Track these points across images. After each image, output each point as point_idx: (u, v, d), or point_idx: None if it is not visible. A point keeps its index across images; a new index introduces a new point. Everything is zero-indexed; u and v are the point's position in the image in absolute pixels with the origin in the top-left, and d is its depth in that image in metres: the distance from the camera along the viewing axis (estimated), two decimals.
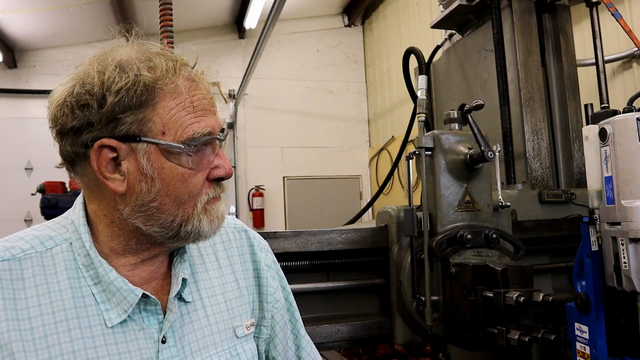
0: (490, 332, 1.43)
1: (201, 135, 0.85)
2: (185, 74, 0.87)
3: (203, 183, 0.87)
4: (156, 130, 0.83)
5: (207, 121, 0.86)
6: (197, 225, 0.87)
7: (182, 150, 0.83)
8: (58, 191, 5.94)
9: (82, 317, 0.83)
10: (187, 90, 0.85)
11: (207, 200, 0.88)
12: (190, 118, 0.84)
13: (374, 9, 8.27)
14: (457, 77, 2.88)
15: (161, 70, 0.84)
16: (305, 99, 8.33)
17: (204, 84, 0.89)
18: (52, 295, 0.83)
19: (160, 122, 0.83)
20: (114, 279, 0.85)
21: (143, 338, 0.86)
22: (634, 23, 3.58)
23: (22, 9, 6.26)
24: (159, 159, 0.84)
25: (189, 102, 0.85)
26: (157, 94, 0.83)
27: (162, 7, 2.54)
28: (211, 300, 0.98)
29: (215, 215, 0.90)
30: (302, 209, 8.08)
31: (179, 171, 0.84)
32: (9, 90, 7.27)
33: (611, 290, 1.33)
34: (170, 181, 0.84)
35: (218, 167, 0.89)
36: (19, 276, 0.83)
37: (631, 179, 1.26)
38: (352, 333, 1.79)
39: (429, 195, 1.71)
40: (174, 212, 0.85)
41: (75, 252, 0.87)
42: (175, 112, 0.84)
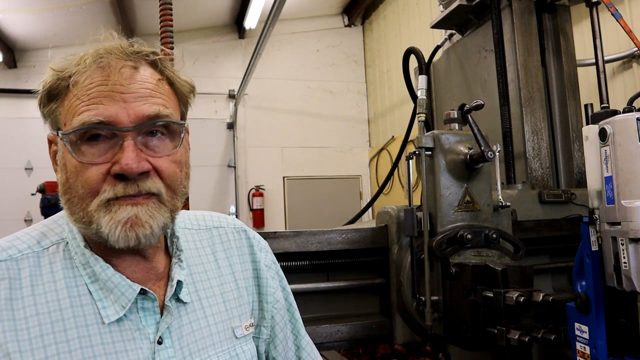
0: (490, 332, 1.43)
1: (84, 123, 0.79)
2: (101, 62, 0.82)
3: (100, 179, 0.80)
4: (61, 122, 0.84)
5: (100, 109, 0.79)
6: (99, 225, 0.80)
7: (64, 140, 0.81)
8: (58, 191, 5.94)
9: (79, 315, 0.82)
10: (90, 79, 0.82)
11: (108, 199, 0.80)
12: (81, 106, 0.81)
13: (374, 9, 8.27)
14: (457, 77, 2.88)
15: (77, 64, 0.83)
16: (305, 99, 8.33)
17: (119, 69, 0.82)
18: (48, 295, 0.82)
19: (63, 113, 0.83)
20: (111, 276, 0.85)
21: (139, 338, 0.85)
22: (634, 23, 3.58)
23: (22, 9, 6.26)
24: (64, 150, 0.83)
25: (84, 90, 0.81)
26: (67, 88, 0.83)
27: (162, 7, 2.54)
28: (210, 300, 0.97)
29: (117, 219, 0.80)
30: (302, 209, 8.08)
31: (72, 163, 0.81)
32: (9, 90, 7.26)
33: (611, 290, 1.33)
34: (70, 173, 0.82)
35: (116, 162, 0.80)
36: (17, 276, 0.82)
37: (631, 179, 1.26)
38: (352, 333, 1.79)
39: (429, 195, 1.71)
40: (80, 207, 0.82)
41: (72, 251, 0.87)
42: (72, 102, 0.82)
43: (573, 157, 2.46)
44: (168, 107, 0.86)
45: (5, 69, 7.31)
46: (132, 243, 0.81)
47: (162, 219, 0.84)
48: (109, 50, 0.84)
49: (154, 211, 0.83)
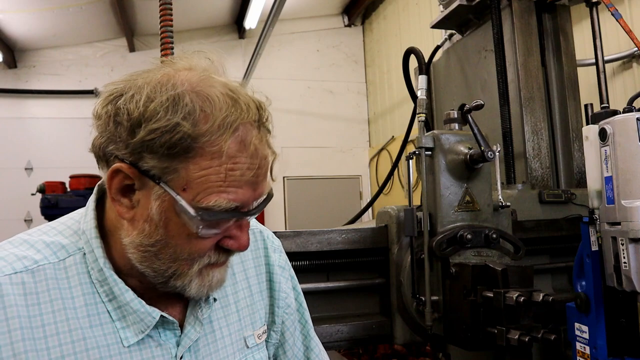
0: (490, 332, 1.43)
1: (222, 209, 0.75)
2: (241, 136, 0.74)
3: (210, 248, 0.80)
4: (177, 184, 0.74)
5: (239, 194, 0.76)
6: (186, 284, 0.81)
7: (192, 217, 0.75)
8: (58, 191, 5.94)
9: (99, 335, 0.79)
10: (230, 155, 0.74)
11: (208, 263, 0.82)
12: (218, 186, 0.74)
13: (374, 9, 8.27)
14: (457, 77, 2.88)
15: (211, 125, 0.72)
16: (305, 99, 8.33)
17: (254, 148, 0.76)
18: (68, 312, 0.78)
19: (186, 177, 0.74)
20: (129, 301, 0.81)
21: (161, 355, 0.83)
22: (634, 23, 3.58)
23: (22, 9, 6.26)
24: (170, 210, 0.76)
25: (224, 169, 0.74)
26: (194, 150, 0.73)
27: (162, 7, 2.54)
28: (224, 311, 0.96)
29: (207, 282, 0.83)
30: (302, 209, 8.08)
31: (185, 231, 0.77)
32: (9, 90, 7.27)
33: (611, 290, 1.33)
34: (173, 235, 0.77)
35: (233, 237, 0.81)
36: (33, 290, 0.77)
37: (631, 179, 1.26)
38: (352, 333, 1.79)
39: (429, 195, 1.71)
40: (170, 264, 0.79)
41: (88, 265, 0.82)
42: (205, 175, 0.74)
43: (573, 157, 2.46)
44: None
45: (5, 69, 7.31)
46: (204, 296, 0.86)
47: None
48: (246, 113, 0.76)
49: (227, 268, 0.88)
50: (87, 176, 5.90)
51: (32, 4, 6.18)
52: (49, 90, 7.34)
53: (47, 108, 7.36)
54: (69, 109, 7.35)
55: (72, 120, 7.26)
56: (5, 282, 0.76)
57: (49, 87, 7.37)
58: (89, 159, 0.85)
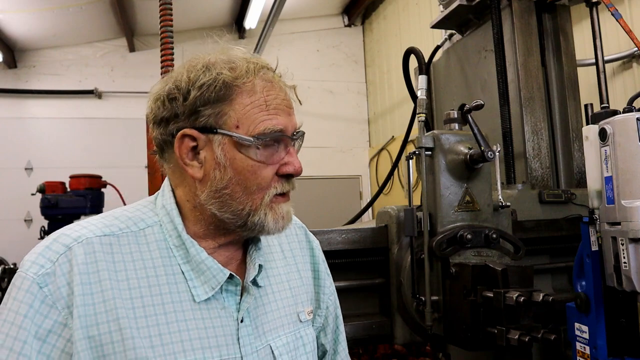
0: (490, 332, 1.43)
1: (271, 131, 0.92)
2: (263, 75, 0.95)
3: (272, 177, 0.94)
4: (231, 124, 0.92)
5: (279, 120, 0.93)
6: (262, 218, 0.94)
7: (251, 143, 0.91)
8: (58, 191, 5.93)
9: (174, 292, 0.92)
10: (262, 89, 0.93)
11: (275, 194, 0.95)
12: (262, 115, 0.92)
13: (374, 9, 8.27)
14: (457, 77, 2.88)
15: (240, 71, 0.93)
16: (305, 99, 8.26)
17: (280, 85, 0.97)
18: (147, 270, 0.92)
19: (235, 116, 0.91)
20: (205, 259, 0.94)
21: (225, 316, 0.95)
22: (634, 23, 3.58)
23: (22, 9, 6.26)
24: (232, 150, 0.92)
25: (262, 100, 0.93)
26: (235, 91, 0.92)
27: (162, 7, 2.54)
28: (279, 286, 1.07)
29: (280, 214, 0.96)
30: (302, 209, 7.98)
31: (249, 163, 0.92)
32: (9, 90, 7.26)
33: (611, 290, 1.33)
34: (241, 171, 0.92)
35: (288, 163, 0.95)
36: (119, 250, 0.91)
37: (631, 179, 1.26)
38: (352, 333, 1.79)
39: (429, 195, 1.71)
40: (244, 201, 0.93)
41: (166, 234, 0.96)
42: (250, 109, 0.92)
43: (573, 157, 2.46)
44: None
45: (5, 69, 7.31)
46: (282, 230, 0.98)
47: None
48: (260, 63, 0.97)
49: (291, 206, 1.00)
50: (87, 176, 5.90)
51: (32, 4, 6.18)
52: (49, 90, 7.33)
53: (47, 108, 7.35)
54: (69, 109, 7.34)
55: (72, 120, 7.26)
56: (97, 242, 0.91)
57: (49, 87, 7.36)
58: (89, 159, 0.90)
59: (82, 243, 0.89)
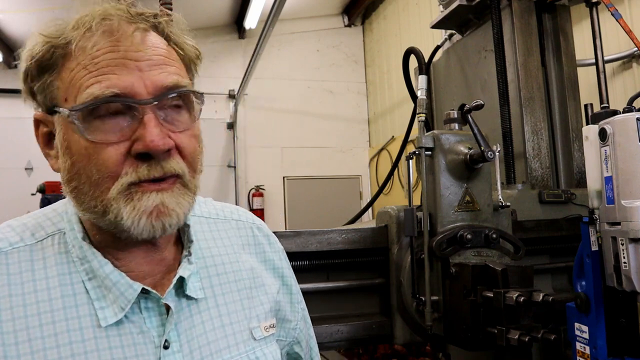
0: (490, 332, 1.43)
1: (97, 98, 0.69)
2: (105, 25, 0.71)
3: (119, 160, 0.70)
4: (60, 98, 0.72)
5: (113, 80, 0.69)
6: (118, 215, 0.71)
7: (71, 118, 0.70)
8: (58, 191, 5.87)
9: (72, 318, 0.73)
10: (93, 45, 0.70)
11: (131, 183, 0.71)
12: (88, 77, 0.69)
13: (374, 9, 8.27)
14: (457, 77, 2.88)
15: (75, 28, 0.71)
16: (305, 99, 8.33)
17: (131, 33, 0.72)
18: (38, 294, 0.73)
19: (62, 87, 0.72)
20: (109, 273, 0.75)
21: (142, 342, 0.75)
22: (634, 23, 3.58)
23: (22, 9, 6.26)
24: (67, 130, 0.72)
25: (90, 58, 0.70)
26: (64, 57, 0.72)
27: (162, 7, 2.54)
28: (226, 297, 0.86)
29: (140, 209, 0.71)
30: (302, 209, 8.08)
31: (81, 144, 0.71)
32: (9, 90, 7.27)
33: (611, 290, 1.33)
34: (78, 157, 0.71)
35: (138, 139, 0.70)
36: (4, 271, 0.74)
37: (631, 179, 1.26)
38: (352, 333, 1.79)
39: (429, 195, 1.71)
40: (93, 195, 0.72)
41: (69, 244, 0.78)
42: (75, 73, 0.70)
43: (573, 157, 2.46)
44: (183, 76, 0.77)
45: (5, 69, 7.32)
46: (158, 234, 0.73)
47: (187, 204, 0.77)
48: (111, 12, 0.73)
49: (180, 197, 0.75)
50: None
51: (32, 4, 6.18)
52: None
53: None
54: None
55: None
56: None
57: None
58: None
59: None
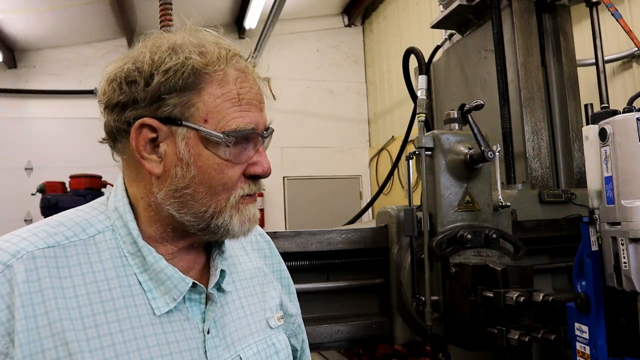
0: (490, 332, 1.43)
1: (243, 129, 0.84)
2: (236, 63, 0.86)
3: (239, 177, 0.86)
4: (198, 117, 0.83)
5: (252, 116, 0.85)
6: (227, 220, 0.86)
7: (221, 140, 0.82)
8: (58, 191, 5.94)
9: (130, 306, 0.83)
10: (235, 80, 0.85)
11: (242, 196, 0.87)
12: (234, 110, 0.84)
13: (374, 9, 8.27)
14: (457, 77, 2.88)
15: (211, 57, 0.84)
16: (305, 99, 8.33)
17: (253, 77, 0.88)
18: (99, 284, 0.82)
19: (204, 108, 0.83)
20: (164, 267, 0.85)
21: (189, 328, 0.86)
22: (634, 23, 3.58)
23: (22, 9, 6.26)
24: (197, 145, 0.83)
25: (235, 93, 0.84)
26: (204, 80, 0.83)
27: (162, 7, 2.54)
28: (245, 291, 1.00)
29: (247, 217, 0.89)
30: (302, 209, 8.08)
31: (215, 161, 0.84)
32: (9, 90, 7.26)
33: (611, 290, 1.33)
34: (205, 169, 0.84)
35: (256, 163, 0.87)
36: (65, 264, 0.81)
37: (631, 179, 1.26)
38: (352, 333, 1.79)
39: (429, 195, 1.71)
40: (207, 202, 0.85)
41: (119, 240, 0.86)
42: (221, 102, 0.83)
43: (573, 157, 2.46)
44: None
45: (5, 69, 7.31)
46: (247, 234, 0.90)
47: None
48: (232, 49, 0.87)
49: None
50: (87, 176, 5.90)
51: (32, 4, 6.18)
52: (49, 90, 7.34)
53: (47, 108, 7.35)
54: (69, 109, 7.34)
55: (72, 120, 7.26)
56: (40, 255, 0.80)
57: (49, 87, 7.36)
58: (89, 159, 0.89)
59: (23, 259, 0.78)
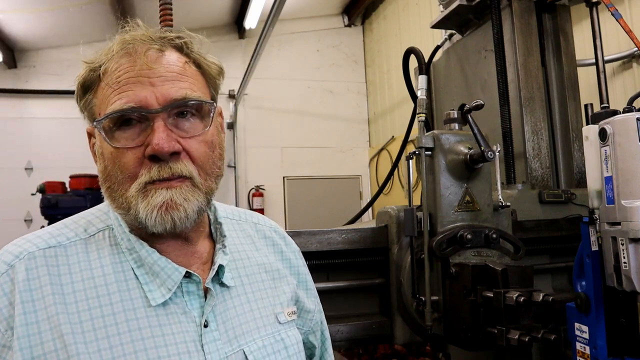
0: (490, 332, 1.43)
1: (112, 111, 0.83)
2: (125, 49, 0.86)
3: (137, 162, 0.83)
4: (96, 112, 0.88)
5: (131, 95, 0.83)
6: (137, 210, 0.83)
7: (97, 127, 0.85)
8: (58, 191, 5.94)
9: (126, 299, 0.85)
10: (117, 67, 0.85)
11: (147, 182, 0.83)
12: (113, 95, 0.84)
13: (374, 9, 8.27)
14: (457, 77, 2.88)
15: (100, 55, 0.88)
16: (305, 99, 8.33)
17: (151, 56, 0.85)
18: (96, 279, 0.85)
19: (98, 103, 0.87)
20: (157, 259, 0.88)
21: (186, 321, 0.87)
22: (634, 23, 3.58)
23: (22, 9, 6.26)
24: (99, 139, 0.87)
25: (114, 78, 0.85)
26: (96, 78, 0.87)
27: (162, 7, 2.55)
28: (253, 286, 0.99)
29: (152, 205, 0.83)
30: (302, 209, 8.08)
31: (109, 149, 0.85)
32: (9, 90, 7.26)
33: (611, 290, 1.33)
34: (108, 161, 0.86)
35: (149, 143, 0.83)
36: (65, 262, 0.86)
37: (631, 179, 1.26)
38: (352, 333, 1.79)
39: (429, 195, 1.71)
40: (120, 193, 0.85)
41: (118, 237, 0.90)
42: (103, 92, 0.86)
43: (573, 157, 2.46)
44: (195, 90, 0.88)
45: (5, 69, 7.31)
46: (168, 226, 0.84)
47: (197, 202, 0.87)
48: (134, 37, 0.88)
49: (188, 194, 0.85)
50: (87, 176, 5.90)
51: (32, 4, 6.18)
52: (49, 90, 7.33)
53: (47, 108, 7.35)
54: (69, 109, 7.33)
55: (72, 120, 7.24)
56: (40, 255, 0.86)
57: (49, 87, 7.36)
58: (89, 159, 0.93)
59: (24, 259, 0.84)
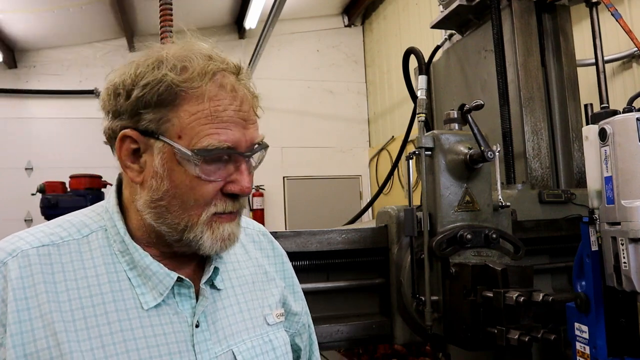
0: (490, 332, 1.43)
1: (216, 148, 0.83)
2: (218, 79, 0.85)
3: (214, 194, 0.87)
4: (173, 132, 0.84)
5: (229, 134, 0.84)
6: (198, 236, 0.87)
7: (189, 157, 0.83)
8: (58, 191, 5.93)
9: (119, 300, 0.86)
10: (212, 97, 0.84)
11: (215, 213, 0.87)
12: (209, 128, 0.83)
13: (374, 9, 8.27)
14: (457, 77, 2.88)
15: (191, 73, 0.84)
16: (305, 99, 8.32)
17: (237, 93, 0.86)
18: (89, 279, 0.86)
19: (179, 124, 0.84)
20: (149, 264, 0.89)
21: (177, 322, 0.89)
22: (634, 23, 3.58)
23: (22, 9, 6.26)
24: (171, 160, 0.85)
25: (210, 110, 0.84)
26: (180, 96, 0.84)
27: (162, 7, 2.55)
28: (242, 288, 1.02)
29: (219, 235, 0.88)
30: (302, 209, 8.08)
31: (187, 177, 0.85)
32: (9, 90, 7.26)
33: (611, 290, 1.33)
34: (178, 184, 0.85)
35: (234, 182, 0.87)
36: (58, 260, 0.86)
37: (631, 179, 1.26)
38: (352, 333, 1.79)
39: (429, 195, 1.71)
40: (180, 216, 0.86)
41: (110, 239, 0.91)
42: (195, 119, 0.83)
43: (573, 157, 2.46)
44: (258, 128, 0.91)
45: (5, 69, 7.31)
46: (222, 252, 0.91)
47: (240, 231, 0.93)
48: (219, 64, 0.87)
49: (239, 226, 0.93)
50: (87, 176, 5.89)
51: (32, 4, 6.18)
52: (49, 90, 7.34)
53: (47, 108, 7.35)
54: (69, 109, 7.35)
55: (72, 120, 7.26)
56: (34, 253, 0.86)
57: (49, 87, 7.36)
58: (89, 159, 0.91)
59: (17, 257, 0.84)
